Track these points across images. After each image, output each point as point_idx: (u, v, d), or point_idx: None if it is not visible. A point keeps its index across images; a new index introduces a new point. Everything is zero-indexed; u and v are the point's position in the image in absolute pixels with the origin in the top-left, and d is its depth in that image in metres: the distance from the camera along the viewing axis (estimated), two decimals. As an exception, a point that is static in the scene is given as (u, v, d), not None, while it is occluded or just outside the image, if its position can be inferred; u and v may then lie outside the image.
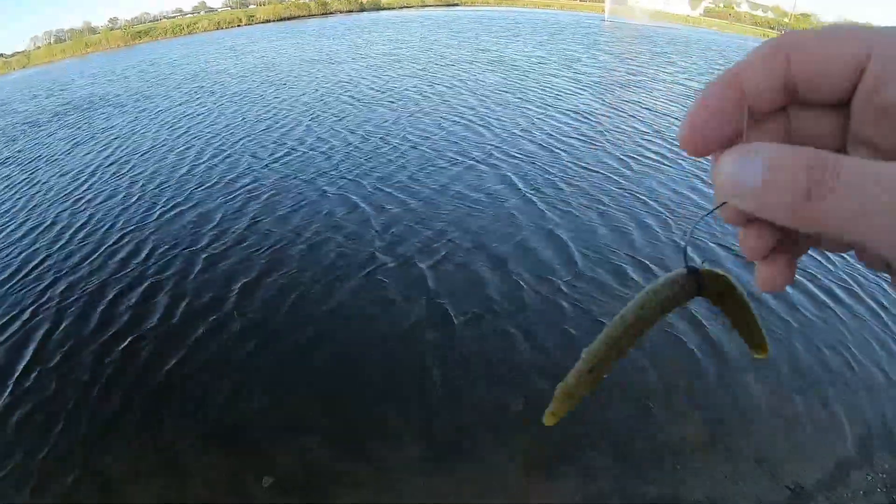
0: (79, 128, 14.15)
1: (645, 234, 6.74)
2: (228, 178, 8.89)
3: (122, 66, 28.15)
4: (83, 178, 9.84)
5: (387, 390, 4.50)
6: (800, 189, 0.30)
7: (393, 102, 13.32)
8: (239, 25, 46.81)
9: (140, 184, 9.11)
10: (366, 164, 9.12)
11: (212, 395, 4.46)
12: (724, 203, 0.37)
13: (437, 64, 18.75)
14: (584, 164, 9.05)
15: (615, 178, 8.49)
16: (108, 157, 11.01)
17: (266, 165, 9.36)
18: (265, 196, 8.04)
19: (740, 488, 3.79)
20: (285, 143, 10.52)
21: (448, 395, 4.45)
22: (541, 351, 4.86)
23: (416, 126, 11.21)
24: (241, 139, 11.05)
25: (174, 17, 56.65)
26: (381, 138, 10.51)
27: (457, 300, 5.55)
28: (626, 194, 7.89)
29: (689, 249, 0.52)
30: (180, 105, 15.19)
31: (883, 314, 5.61)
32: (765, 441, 4.11)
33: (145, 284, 6.01)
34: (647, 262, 6.14)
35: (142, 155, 10.78)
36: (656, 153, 9.60)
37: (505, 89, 14.43)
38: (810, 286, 5.95)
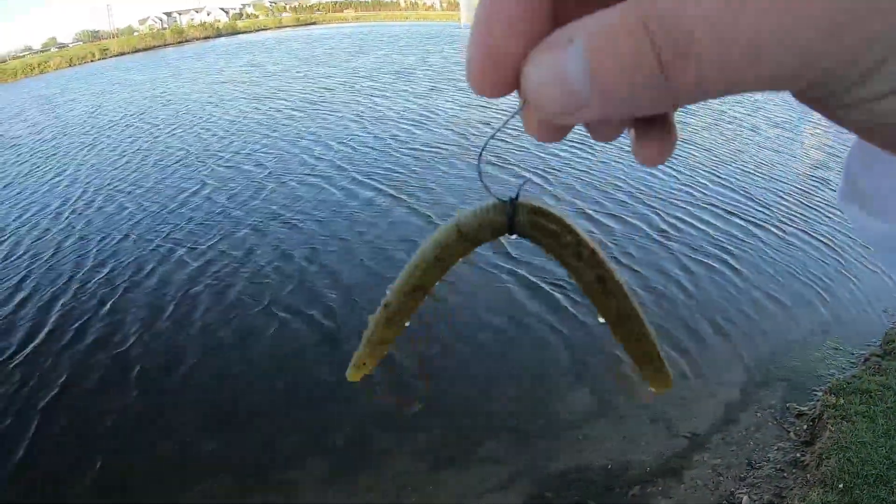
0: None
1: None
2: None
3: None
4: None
5: (277, 411, 4.48)
6: (648, 62, 0.23)
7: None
8: (92, 60, 44.31)
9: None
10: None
11: (103, 454, 4.23)
12: (522, 108, 0.31)
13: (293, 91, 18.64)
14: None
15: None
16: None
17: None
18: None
19: (639, 446, 4.04)
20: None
21: (340, 404, 4.48)
22: (437, 352, 4.97)
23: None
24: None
25: (23, 56, 52.99)
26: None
27: (335, 307, 5.62)
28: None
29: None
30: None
31: (742, 272, 6.13)
32: (654, 402, 4.37)
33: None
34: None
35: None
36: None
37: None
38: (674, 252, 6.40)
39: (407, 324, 0.45)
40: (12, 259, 7.43)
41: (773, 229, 7.10)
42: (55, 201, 9.63)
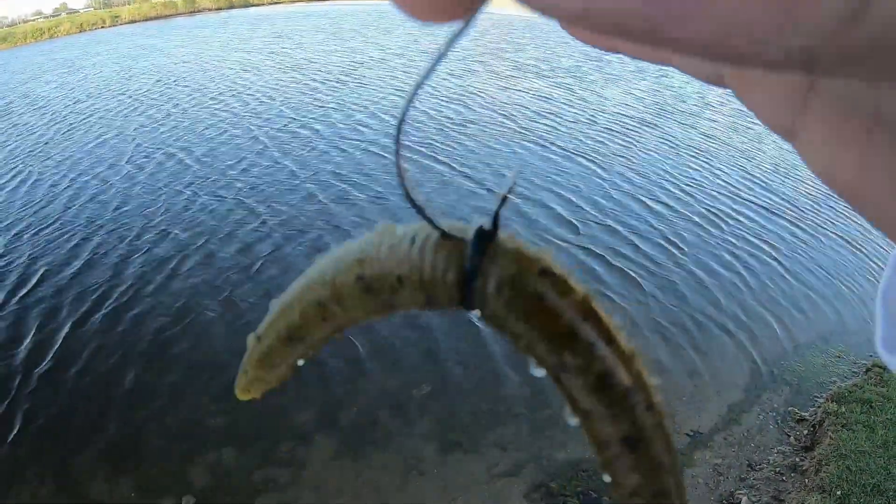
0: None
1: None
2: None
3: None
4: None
5: (287, 389, 4.41)
6: None
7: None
8: (103, 27, 44.07)
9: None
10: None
11: (112, 423, 4.28)
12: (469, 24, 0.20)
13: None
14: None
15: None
16: None
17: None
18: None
19: (644, 442, 4.09)
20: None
21: (349, 383, 4.50)
22: (445, 334, 4.98)
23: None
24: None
25: (34, 21, 52.65)
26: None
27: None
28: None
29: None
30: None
31: (754, 271, 6.18)
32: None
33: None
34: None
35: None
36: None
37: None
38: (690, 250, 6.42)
39: (301, 363, 0.32)
40: (63, 220, 7.39)
41: (791, 229, 7.12)
42: (98, 161, 9.58)
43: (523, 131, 9.98)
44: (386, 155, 8.71)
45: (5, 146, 10.99)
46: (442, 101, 11.96)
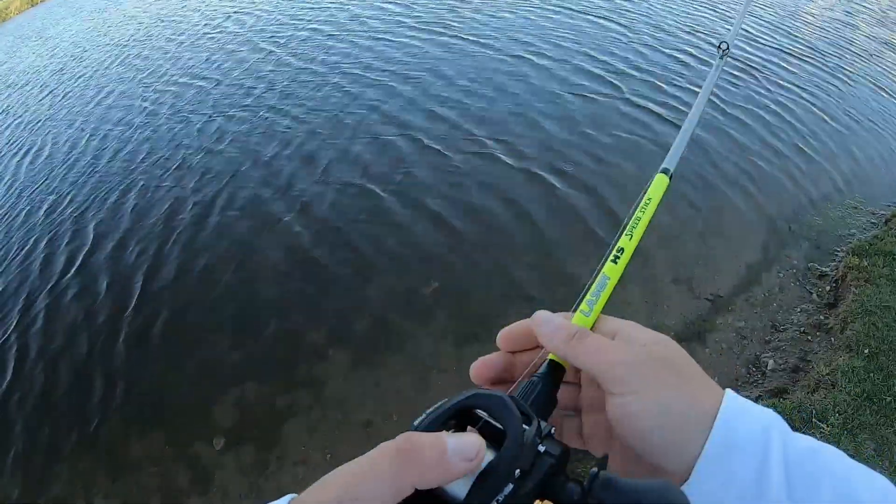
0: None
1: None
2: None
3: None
4: None
5: (292, 309, 4.42)
6: (569, 334, 0.50)
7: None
8: (60, -3, 42.56)
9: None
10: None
11: (132, 379, 4.23)
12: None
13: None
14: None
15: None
16: None
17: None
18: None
19: (663, 309, 4.02)
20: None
21: (354, 292, 4.42)
22: (437, 226, 4.88)
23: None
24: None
25: (-16, 8, 50.92)
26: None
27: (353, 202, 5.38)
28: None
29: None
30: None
31: (765, 119, 5.94)
32: (676, 263, 4.32)
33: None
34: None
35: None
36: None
37: None
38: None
39: None
40: (96, 177, 7.03)
41: (815, 72, 6.93)
42: (111, 109, 9.11)
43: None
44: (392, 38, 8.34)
45: (3, 128, 10.30)
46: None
